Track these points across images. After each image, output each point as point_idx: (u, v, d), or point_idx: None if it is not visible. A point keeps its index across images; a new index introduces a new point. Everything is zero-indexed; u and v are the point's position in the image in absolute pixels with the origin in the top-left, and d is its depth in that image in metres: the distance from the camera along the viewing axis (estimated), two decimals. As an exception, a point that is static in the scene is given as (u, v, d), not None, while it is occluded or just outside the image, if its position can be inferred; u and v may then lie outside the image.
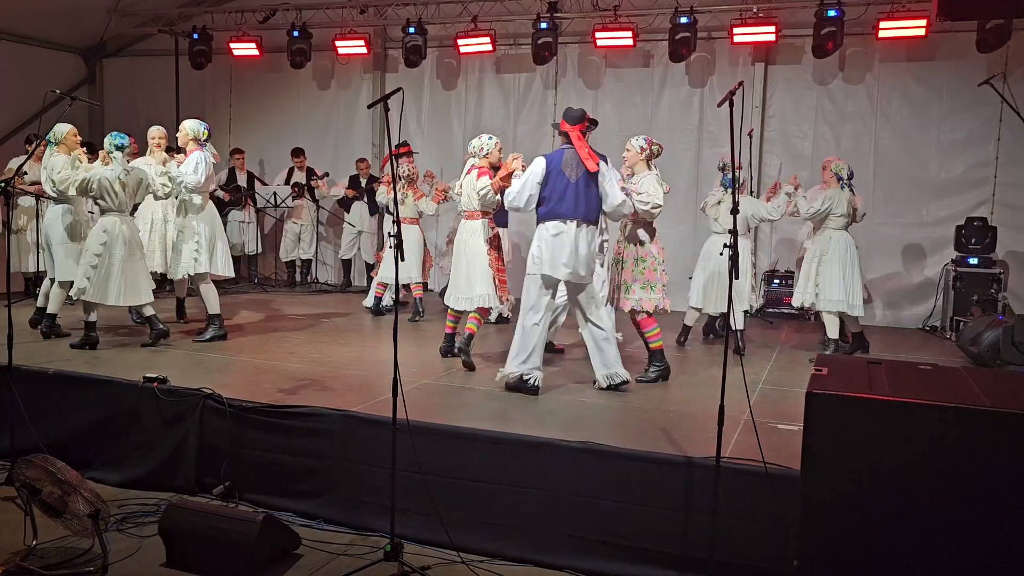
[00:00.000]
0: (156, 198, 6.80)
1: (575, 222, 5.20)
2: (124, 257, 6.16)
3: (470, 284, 6.08)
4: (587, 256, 5.26)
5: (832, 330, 6.73)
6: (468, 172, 6.14)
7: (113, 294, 6.15)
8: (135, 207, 7.08)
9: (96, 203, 6.33)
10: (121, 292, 6.17)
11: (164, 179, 6.42)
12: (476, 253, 6.09)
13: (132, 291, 6.22)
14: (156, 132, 7.17)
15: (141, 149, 7.72)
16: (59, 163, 6.50)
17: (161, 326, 6.43)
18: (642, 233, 5.66)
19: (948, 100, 8.74)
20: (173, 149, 10.50)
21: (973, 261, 8.15)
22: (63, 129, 6.64)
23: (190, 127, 6.55)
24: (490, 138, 6.17)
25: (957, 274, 8.17)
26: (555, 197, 5.21)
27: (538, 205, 5.26)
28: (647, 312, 5.65)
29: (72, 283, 6.27)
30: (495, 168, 6.04)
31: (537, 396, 5.19)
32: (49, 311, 6.62)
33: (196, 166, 6.42)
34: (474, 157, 6.14)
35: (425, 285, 9.25)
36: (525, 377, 5.22)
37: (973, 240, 8.23)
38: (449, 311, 6.36)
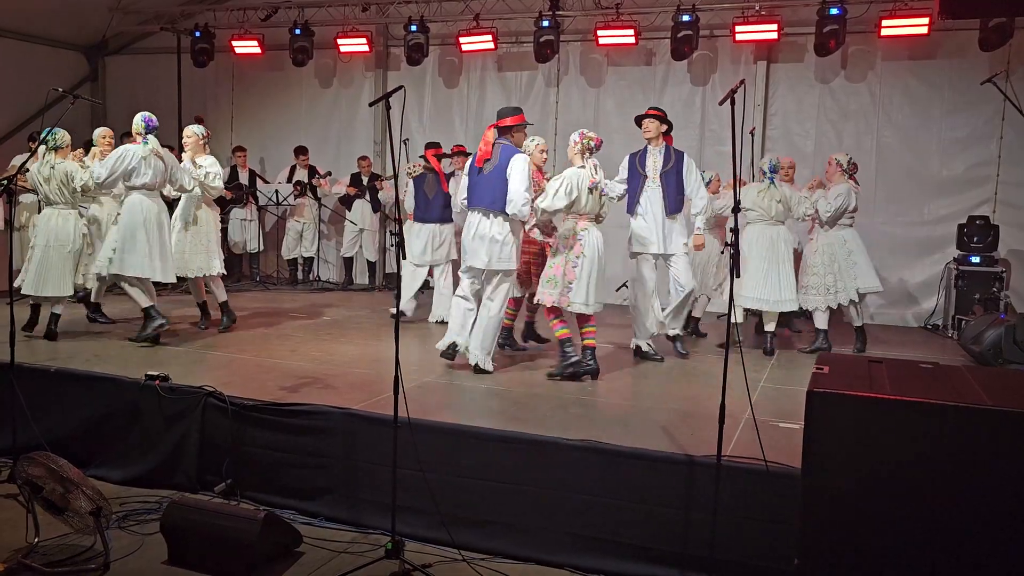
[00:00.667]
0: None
1: (480, 212, 5.56)
2: (44, 247, 6.30)
3: None
4: (490, 244, 5.50)
5: (769, 325, 6.75)
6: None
7: (30, 285, 6.31)
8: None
9: None
10: (35, 283, 6.30)
11: (86, 173, 6.44)
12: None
13: (42, 283, 6.31)
14: (191, 131, 7.11)
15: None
16: None
17: (53, 327, 6.41)
18: (559, 228, 5.70)
19: (950, 98, 8.73)
20: (174, 147, 10.56)
21: (975, 260, 8.14)
22: (96, 133, 6.88)
23: (133, 121, 6.48)
24: (532, 140, 6.11)
25: (959, 272, 8.16)
26: (470, 188, 5.69)
27: None
28: (547, 306, 5.66)
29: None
30: (539, 168, 6.07)
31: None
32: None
33: (106, 159, 6.37)
34: None
35: (426, 283, 9.21)
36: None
37: (975, 239, 8.22)
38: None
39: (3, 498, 4.55)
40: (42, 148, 6.26)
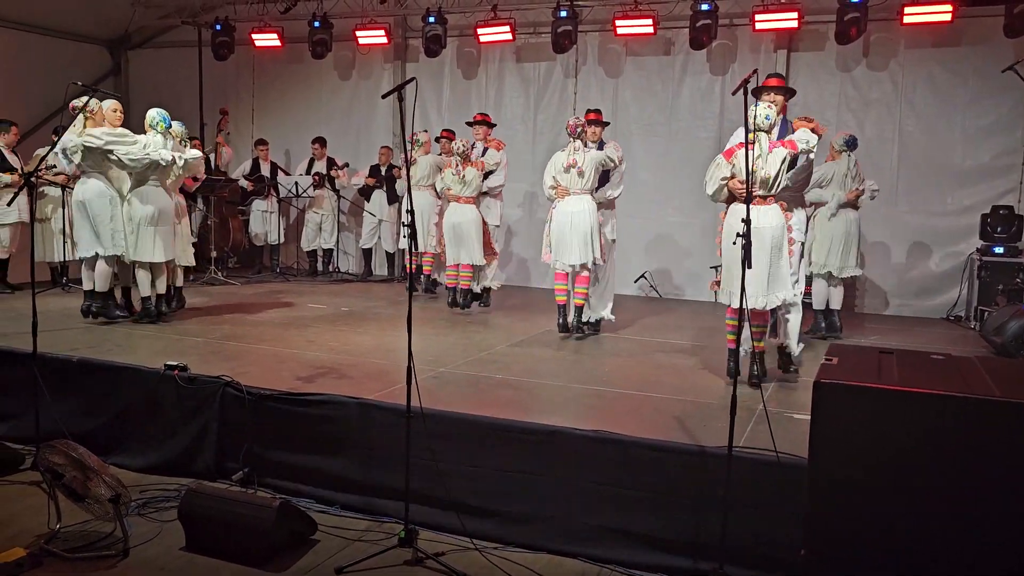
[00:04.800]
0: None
1: None
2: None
3: None
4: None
5: None
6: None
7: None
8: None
9: None
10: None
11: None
12: None
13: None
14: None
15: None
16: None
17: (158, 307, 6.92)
18: None
19: (974, 86, 8.59)
20: (197, 138, 10.68)
21: (999, 250, 8.02)
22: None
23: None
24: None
25: (982, 263, 8.05)
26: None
27: None
28: None
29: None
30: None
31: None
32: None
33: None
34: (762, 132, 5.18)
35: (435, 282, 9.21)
36: None
37: (999, 229, 8.11)
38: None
39: (27, 485, 4.65)
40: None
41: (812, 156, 5.25)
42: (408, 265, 4.18)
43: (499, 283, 8.18)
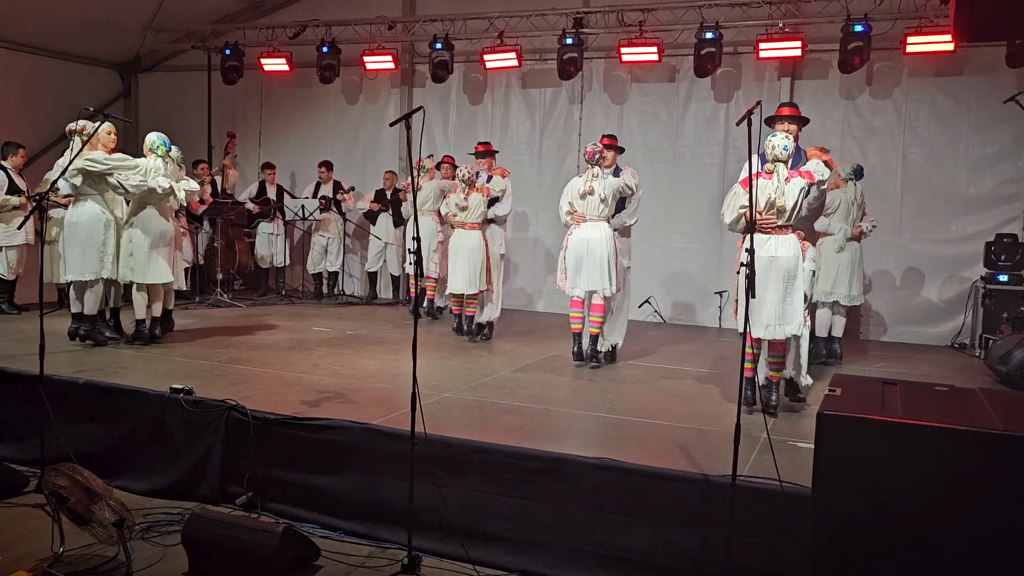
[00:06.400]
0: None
1: None
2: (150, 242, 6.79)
3: None
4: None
5: None
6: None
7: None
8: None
9: None
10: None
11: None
12: None
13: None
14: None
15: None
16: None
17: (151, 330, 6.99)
18: None
19: (977, 115, 8.66)
20: (205, 161, 10.74)
21: (1003, 278, 8.03)
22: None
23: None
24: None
25: (987, 291, 8.06)
26: None
27: None
28: None
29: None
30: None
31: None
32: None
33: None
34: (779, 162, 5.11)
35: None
36: None
37: (1003, 257, 8.12)
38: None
39: (31, 508, 4.65)
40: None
41: (824, 187, 5.33)
42: (412, 289, 4.19)
43: (496, 315, 8.06)
